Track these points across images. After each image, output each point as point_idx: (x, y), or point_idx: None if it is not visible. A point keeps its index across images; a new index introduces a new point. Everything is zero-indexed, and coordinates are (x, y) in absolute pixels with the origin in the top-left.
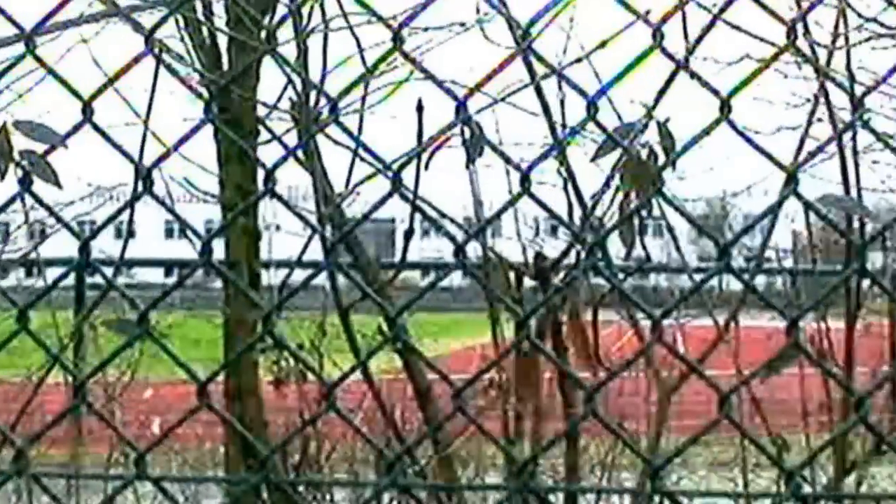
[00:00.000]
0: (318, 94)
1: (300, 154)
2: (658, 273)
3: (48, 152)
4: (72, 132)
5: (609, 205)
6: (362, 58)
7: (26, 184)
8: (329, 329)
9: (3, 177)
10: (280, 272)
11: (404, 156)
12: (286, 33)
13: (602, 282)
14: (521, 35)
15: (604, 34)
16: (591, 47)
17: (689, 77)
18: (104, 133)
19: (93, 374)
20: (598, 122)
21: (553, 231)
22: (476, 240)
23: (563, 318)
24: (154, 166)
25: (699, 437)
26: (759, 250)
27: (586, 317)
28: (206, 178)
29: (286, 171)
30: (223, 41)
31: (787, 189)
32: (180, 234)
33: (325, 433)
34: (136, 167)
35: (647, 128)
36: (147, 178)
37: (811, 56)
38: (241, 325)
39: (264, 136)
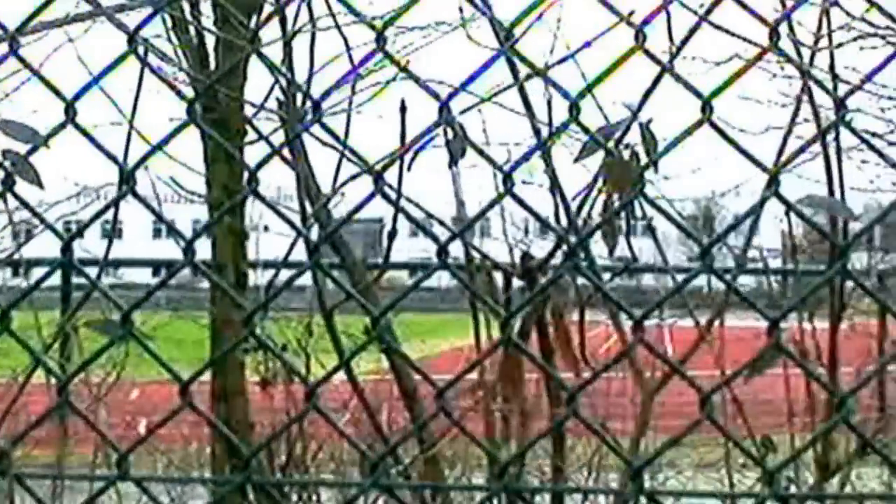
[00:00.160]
0: (304, 95)
1: (286, 154)
2: (646, 273)
3: (30, 153)
4: (53, 133)
5: (592, 205)
6: (350, 57)
7: (8, 184)
8: (316, 329)
9: None
10: (267, 272)
11: (387, 157)
12: (275, 32)
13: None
14: (504, 36)
15: (591, 35)
16: (577, 48)
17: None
18: (87, 133)
19: (74, 374)
20: (581, 124)
21: (543, 231)
22: (460, 239)
23: (548, 319)
24: (136, 167)
25: (680, 438)
26: (741, 251)
27: (572, 317)
28: (194, 177)
29: (275, 171)
30: (211, 41)
31: (769, 190)
32: (168, 234)
33: (311, 433)
34: (120, 167)
35: (629, 129)
36: (130, 179)
37: (794, 57)
38: (227, 326)
39: (252, 136)
